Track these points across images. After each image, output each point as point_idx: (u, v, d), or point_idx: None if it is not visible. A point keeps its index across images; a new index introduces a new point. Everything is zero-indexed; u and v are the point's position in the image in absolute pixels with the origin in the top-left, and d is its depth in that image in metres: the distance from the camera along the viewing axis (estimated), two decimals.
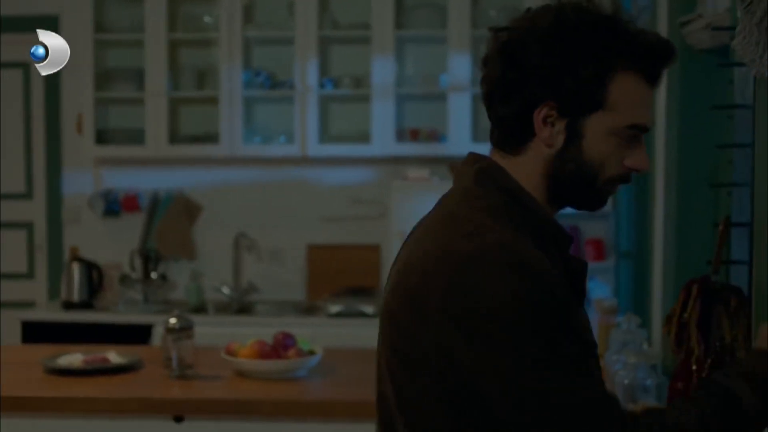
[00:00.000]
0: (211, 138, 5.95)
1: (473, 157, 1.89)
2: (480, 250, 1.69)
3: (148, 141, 5.92)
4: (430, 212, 1.90)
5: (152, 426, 3.69)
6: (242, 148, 5.90)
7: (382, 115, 5.81)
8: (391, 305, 1.83)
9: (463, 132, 5.75)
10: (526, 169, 1.81)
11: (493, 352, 1.66)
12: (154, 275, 5.93)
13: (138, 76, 5.97)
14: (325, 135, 5.99)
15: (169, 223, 6.11)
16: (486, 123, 6.34)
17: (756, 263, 2.97)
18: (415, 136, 5.91)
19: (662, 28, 4.56)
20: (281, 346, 3.93)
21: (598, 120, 1.76)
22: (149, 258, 5.96)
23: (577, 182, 1.80)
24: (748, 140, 2.91)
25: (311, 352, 3.97)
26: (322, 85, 5.88)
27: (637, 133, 1.79)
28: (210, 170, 6.17)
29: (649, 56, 1.76)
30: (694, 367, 2.63)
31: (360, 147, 5.90)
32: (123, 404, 3.68)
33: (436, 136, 5.89)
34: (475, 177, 1.83)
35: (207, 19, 5.99)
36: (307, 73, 5.82)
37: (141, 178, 6.20)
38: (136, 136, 5.97)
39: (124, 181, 6.20)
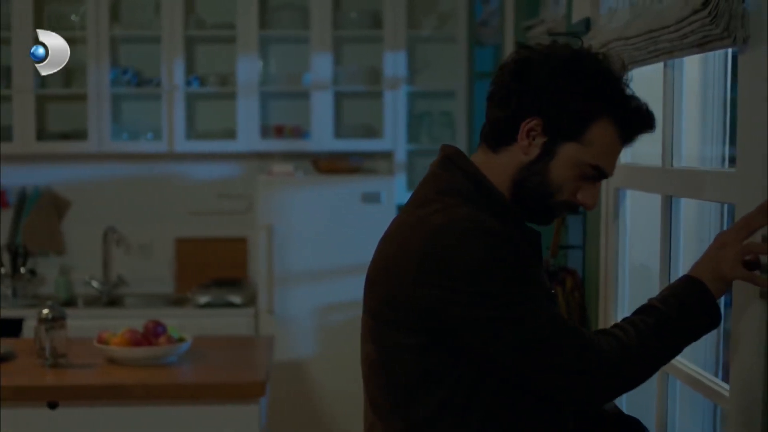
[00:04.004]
0: (79, 134, 6.00)
1: (442, 147, 2.16)
2: (449, 221, 1.97)
3: (15, 138, 5.93)
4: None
5: (27, 413, 3.78)
6: (110, 145, 5.96)
7: (247, 112, 5.95)
8: (370, 275, 2.09)
9: (325, 129, 5.92)
10: (501, 168, 2.08)
11: (468, 304, 1.93)
12: (22, 270, 5.95)
13: (5, 74, 5.99)
14: (192, 131, 6.10)
15: (37, 219, 6.13)
16: (346, 120, 6.59)
17: (588, 247, 3.25)
18: (279, 132, 6.06)
19: (509, 31, 4.84)
20: (152, 334, 4.05)
21: (571, 149, 2.02)
22: (18, 253, 5.98)
23: (536, 194, 2.06)
24: None
25: (181, 340, 4.10)
26: (188, 83, 5.98)
27: (596, 174, 2.05)
28: (78, 166, 6.20)
29: (632, 118, 2.04)
30: None
31: (226, 143, 6.02)
32: None
33: (300, 132, 6.05)
34: (441, 162, 2.12)
35: (73, 17, 6.04)
36: (174, 71, 5.92)
37: (8, 175, 6.18)
38: (4, 133, 5.96)
39: None
